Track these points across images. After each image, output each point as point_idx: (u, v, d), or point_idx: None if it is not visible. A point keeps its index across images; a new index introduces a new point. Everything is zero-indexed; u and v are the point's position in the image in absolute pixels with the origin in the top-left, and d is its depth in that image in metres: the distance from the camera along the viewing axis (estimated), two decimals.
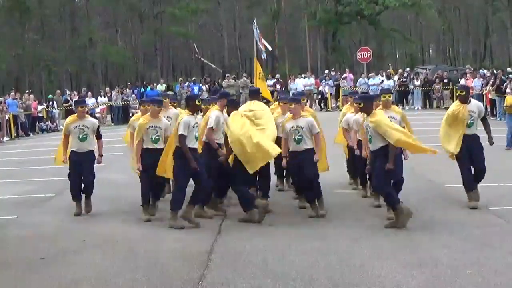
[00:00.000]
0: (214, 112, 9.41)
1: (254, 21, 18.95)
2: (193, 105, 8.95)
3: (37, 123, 27.45)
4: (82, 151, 9.81)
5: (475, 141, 9.49)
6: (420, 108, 27.32)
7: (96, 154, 10.04)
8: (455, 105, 9.63)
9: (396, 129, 8.48)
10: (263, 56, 15.28)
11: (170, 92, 28.06)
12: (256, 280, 6.49)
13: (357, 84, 28.89)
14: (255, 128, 9.08)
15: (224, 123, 9.38)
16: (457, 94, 9.99)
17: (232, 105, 9.62)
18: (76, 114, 9.96)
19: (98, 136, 10.01)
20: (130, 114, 25.77)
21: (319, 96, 30.01)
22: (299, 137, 9.08)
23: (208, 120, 9.32)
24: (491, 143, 9.63)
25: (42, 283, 6.71)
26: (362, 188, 10.56)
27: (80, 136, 9.79)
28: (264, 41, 17.05)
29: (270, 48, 21.23)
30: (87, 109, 10.92)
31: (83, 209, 9.93)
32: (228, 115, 9.38)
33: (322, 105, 29.41)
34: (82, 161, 9.80)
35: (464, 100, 9.51)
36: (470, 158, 9.48)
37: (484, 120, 9.65)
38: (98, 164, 10.08)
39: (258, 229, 8.67)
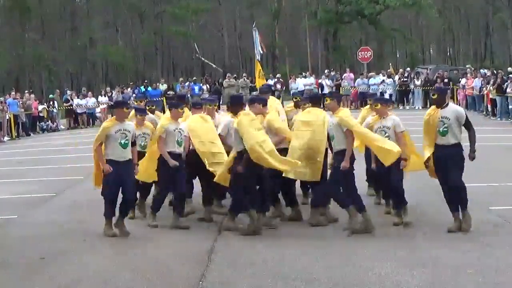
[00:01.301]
0: (226, 118, 9.23)
1: (254, 24, 19.23)
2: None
3: (37, 123, 27.45)
4: (124, 159, 8.42)
5: (450, 153, 7.97)
6: (420, 107, 27.31)
7: None
8: (430, 110, 8.36)
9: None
10: (258, 57, 15.48)
11: (170, 92, 28.12)
12: (256, 280, 6.49)
13: (356, 84, 28.89)
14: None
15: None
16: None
17: (236, 103, 9.08)
18: (115, 117, 8.53)
19: (133, 143, 8.70)
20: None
21: (321, 91, 29.88)
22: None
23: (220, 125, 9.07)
24: (471, 157, 8.04)
25: (42, 283, 6.71)
26: (385, 203, 9.45)
27: (122, 142, 8.37)
28: (262, 44, 17.25)
29: (264, 50, 21.75)
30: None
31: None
32: (233, 114, 8.93)
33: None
34: (123, 173, 8.37)
35: (437, 104, 8.18)
36: (444, 173, 8.10)
37: (467, 127, 8.15)
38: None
39: None
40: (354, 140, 8.33)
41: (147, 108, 10.38)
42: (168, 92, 28.44)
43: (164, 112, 12.72)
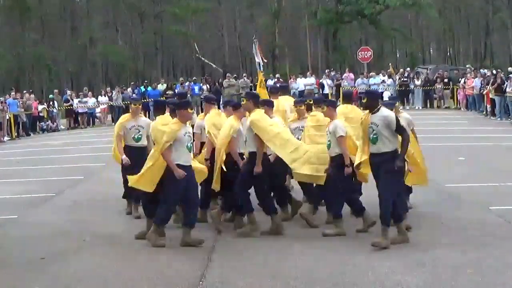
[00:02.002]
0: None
1: (254, 36, 19.68)
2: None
3: (37, 123, 27.46)
4: (189, 164, 8.02)
5: (380, 162, 7.48)
6: (421, 107, 27.33)
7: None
8: (364, 114, 7.88)
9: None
10: (260, 68, 15.64)
11: (169, 92, 28.08)
12: (256, 279, 6.50)
13: (355, 84, 28.90)
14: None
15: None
16: None
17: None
18: (179, 119, 7.93)
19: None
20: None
21: (321, 90, 29.88)
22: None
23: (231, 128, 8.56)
24: (396, 165, 7.35)
25: (42, 283, 6.71)
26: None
27: (188, 145, 8.04)
28: (261, 55, 17.51)
29: (265, 61, 22.08)
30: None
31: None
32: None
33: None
34: (190, 178, 7.93)
35: (366, 108, 7.74)
36: (376, 183, 7.66)
37: (399, 133, 7.50)
38: None
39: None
40: (262, 144, 8.15)
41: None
42: (167, 92, 28.41)
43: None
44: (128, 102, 12.88)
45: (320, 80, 30.17)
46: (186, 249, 7.74)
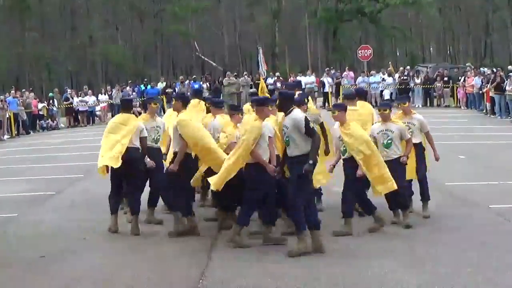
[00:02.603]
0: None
1: (258, 45, 20.13)
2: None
3: (37, 121, 27.46)
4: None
5: (292, 165, 7.28)
6: (420, 106, 27.31)
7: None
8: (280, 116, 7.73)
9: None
10: (263, 75, 15.92)
11: (169, 90, 28.09)
12: (256, 279, 6.49)
13: (356, 83, 28.87)
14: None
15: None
16: None
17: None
18: (259, 116, 7.62)
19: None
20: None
21: (322, 89, 29.85)
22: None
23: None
24: (305, 169, 6.99)
25: (42, 282, 6.71)
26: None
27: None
28: (264, 63, 17.85)
29: (267, 69, 22.61)
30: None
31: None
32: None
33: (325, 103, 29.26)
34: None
35: (280, 110, 7.54)
36: None
37: (309, 135, 7.14)
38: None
39: (259, 227, 8.64)
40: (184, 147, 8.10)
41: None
42: (166, 90, 28.41)
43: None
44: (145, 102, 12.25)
45: (321, 79, 30.16)
46: (186, 248, 7.73)
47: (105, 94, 29.81)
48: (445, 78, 28.02)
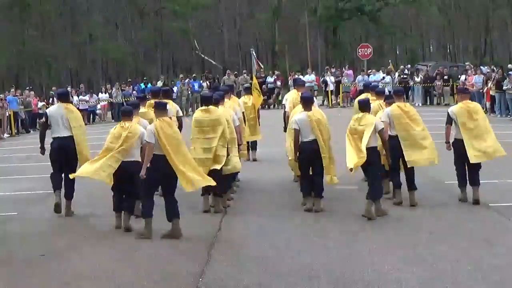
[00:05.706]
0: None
1: (252, 48, 20.69)
2: None
3: (37, 120, 27.43)
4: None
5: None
6: (420, 104, 27.30)
7: None
8: None
9: None
10: (258, 74, 16.47)
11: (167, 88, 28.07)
12: (256, 276, 6.50)
13: (356, 81, 28.86)
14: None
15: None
16: None
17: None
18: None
19: None
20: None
21: (323, 87, 29.80)
22: None
23: None
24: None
25: (42, 280, 6.72)
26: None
27: None
28: (259, 63, 18.48)
29: (262, 67, 23.21)
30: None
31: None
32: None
33: (325, 102, 29.21)
34: None
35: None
36: None
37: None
38: None
39: (258, 225, 8.67)
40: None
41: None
42: (162, 89, 28.40)
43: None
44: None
45: (323, 78, 30.08)
46: (186, 246, 7.74)
47: (105, 93, 29.80)
48: (445, 77, 28.00)
